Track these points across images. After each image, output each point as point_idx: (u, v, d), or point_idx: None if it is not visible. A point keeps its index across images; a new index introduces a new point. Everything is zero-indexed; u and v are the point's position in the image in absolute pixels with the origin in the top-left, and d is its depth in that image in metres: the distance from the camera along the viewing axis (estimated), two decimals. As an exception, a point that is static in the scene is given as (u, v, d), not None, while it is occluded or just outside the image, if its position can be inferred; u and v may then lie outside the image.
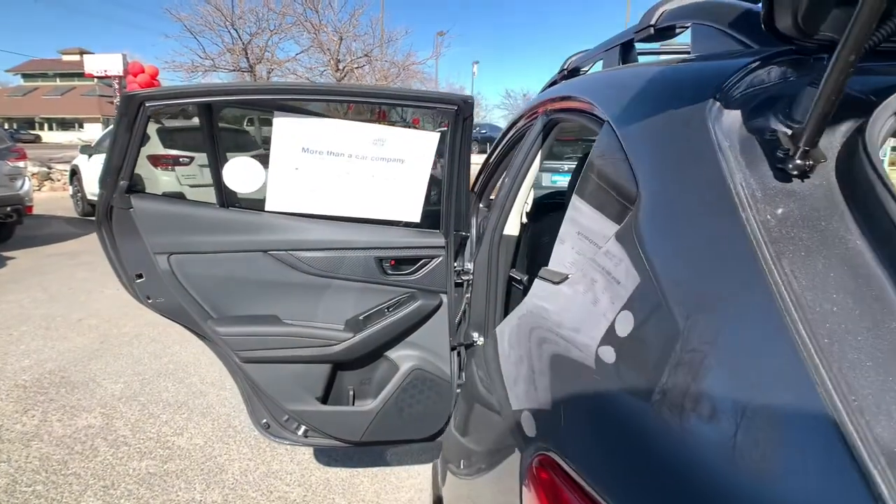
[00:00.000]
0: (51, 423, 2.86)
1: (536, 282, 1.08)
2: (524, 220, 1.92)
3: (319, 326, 1.74)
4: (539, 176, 1.99)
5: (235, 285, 1.67)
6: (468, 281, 2.00)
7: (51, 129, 44.58)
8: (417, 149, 1.65)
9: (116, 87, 16.38)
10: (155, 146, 6.98)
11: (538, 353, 0.93)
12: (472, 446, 1.34)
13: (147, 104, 1.40)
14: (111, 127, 9.08)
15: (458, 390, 2.01)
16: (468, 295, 2.01)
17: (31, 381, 3.31)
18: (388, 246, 1.72)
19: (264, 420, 1.87)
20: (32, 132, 41.08)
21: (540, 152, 1.75)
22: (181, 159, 6.99)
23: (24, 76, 50.56)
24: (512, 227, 1.89)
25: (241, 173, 1.60)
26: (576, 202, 1.02)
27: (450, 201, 1.72)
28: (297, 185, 1.63)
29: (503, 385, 1.07)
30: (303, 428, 1.88)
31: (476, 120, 1.69)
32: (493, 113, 44.91)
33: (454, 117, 1.55)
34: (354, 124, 1.58)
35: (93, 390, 3.24)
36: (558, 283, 0.94)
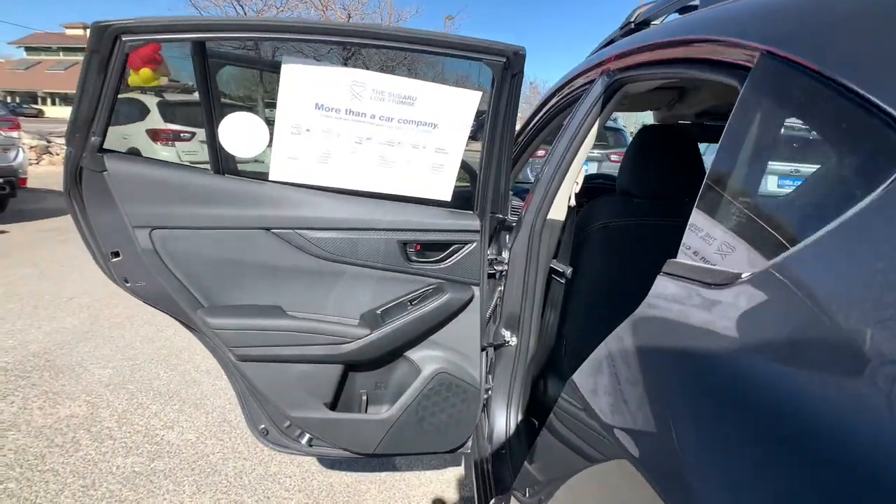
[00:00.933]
0: (31, 412, 2.62)
1: (665, 282, 0.81)
2: (572, 202, 1.66)
3: (330, 321, 1.48)
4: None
5: (231, 269, 1.41)
6: (502, 272, 1.74)
7: (54, 103, 44.16)
8: (454, 110, 1.38)
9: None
10: (154, 120, 6.70)
11: (695, 389, 0.65)
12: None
13: (125, 38, 1.13)
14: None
15: (486, 396, 1.76)
16: (501, 288, 1.75)
17: (13, 364, 3.07)
18: (414, 227, 1.46)
19: (262, 426, 1.62)
20: (35, 106, 40.70)
21: (597, 122, 1.48)
22: (182, 134, 6.72)
23: (27, 49, 49.99)
24: (557, 211, 1.63)
25: (240, 133, 1.33)
26: (742, 175, 0.75)
27: (488, 177, 1.46)
28: (307, 151, 1.36)
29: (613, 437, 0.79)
30: (307, 436, 1.63)
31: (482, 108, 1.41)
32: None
33: (501, 73, 1.28)
34: (380, 76, 1.31)
35: (79, 375, 2.99)
36: (722, 285, 0.67)
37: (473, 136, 1.48)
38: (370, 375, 1.60)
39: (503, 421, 1.79)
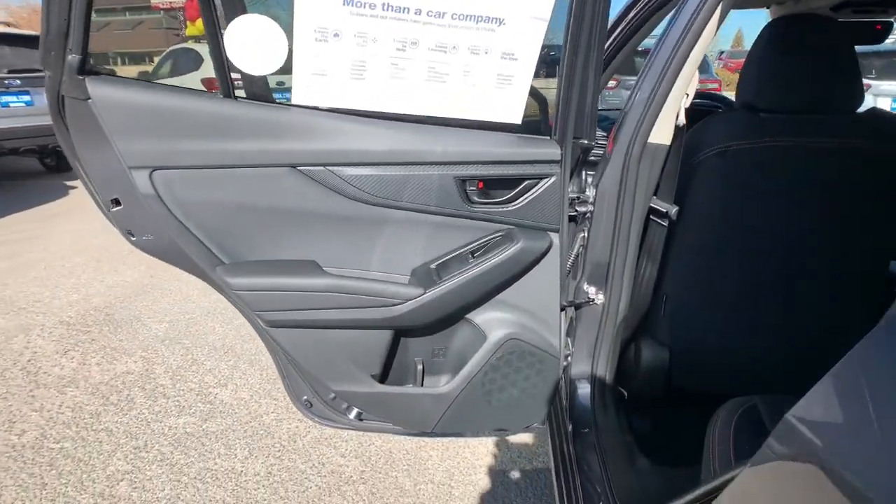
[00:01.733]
0: (89, 367, 2.58)
1: None
2: (681, 120, 1.29)
3: (375, 278, 1.22)
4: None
5: (253, 217, 1.16)
6: (586, 214, 1.41)
7: (123, 63, 45.70)
8: (525, 3, 1.04)
9: (182, 18, 16.10)
10: (209, 69, 6.57)
11: None
12: None
13: None
14: (170, 48, 8.70)
15: (565, 364, 1.47)
16: (584, 234, 1.43)
17: (76, 318, 3.06)
18: (475, 159, 1.15)
19: (305, 397, 1.41)
20: (107, 67, 42.32)
21: (720, 6, 1.10)
22: (237, 82, 6.56)
23: (96, 12, 51.58)
24: (661, 133, 1.27)
25: (252, 42, 1.05)
26: None
27: (570, 92, 1.12)
28: (336, 63, 1.06)
29: None
30: (355, 409, 1.41)
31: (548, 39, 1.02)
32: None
33: None
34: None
35: (136, 330, 2.94)
36: None
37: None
38: (425, 342, 1.34)
39: (586, 394, 1.50)
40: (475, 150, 1.15)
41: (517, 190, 1.21)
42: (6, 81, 5.77)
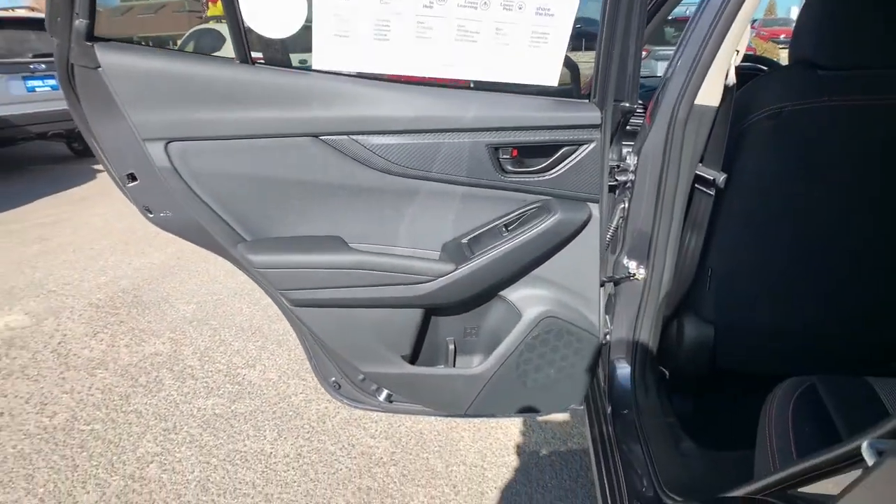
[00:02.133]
0: (118, 349, 2.58)
1: None
2: (731, 79, 1.19)
3: (404, 254, 1.15)
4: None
5: (273, 191, 1.09)
6: (626, 183, 1.32)
7: (148, 45, 46.09)
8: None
9: (203, 0, 15.98)
10: (231, 49, 6.50)
11: None
12: None
13: None
14: (192, 29, 8.64)
15: (603, 342, 1.39)
16: (625, 205, 1.34)
17: (104, 300, 3.07)
18: (509, 125, 1.07)
19: (333, 378, 1.36)
20: (131, 52, 42.63)
21: None
22: (258, 62, 6.49)
23: (120, -3, 52.00)
24: (709, 94, 1.16)
25: (269, 3, 0.97)
26: None
27: (610, 51, 1.03)
28: (358, 23, 0.98)
29: None
30: (385, 391, 1.35)
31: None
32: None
33: None
34: None
35: (164, 312, 2.94)
36: None
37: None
38: (457, 320, 1.27)
39: (626, 374, 1.43)
40: (509, 114, 1.07)
41: (554, 157, 1.12)
42: (31, 66, 5.80)
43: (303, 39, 1.04)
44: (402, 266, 1.12)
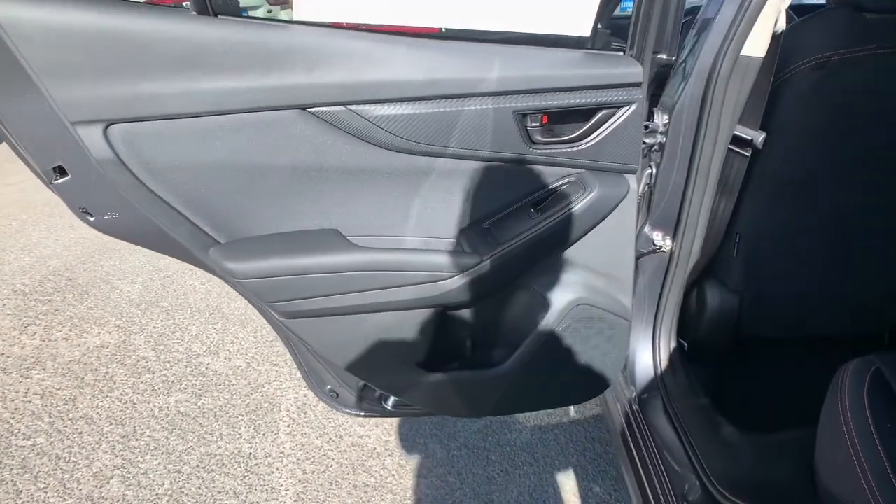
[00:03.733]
0: (55, 344, 2.27)
1: None
2: (780, 25, 1.01)
3: (414, 246, 0.93)
4: None
5: (252, 179, 0.84)
6: (654, 145, 1.14)
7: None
8: None
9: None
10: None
11: None
12: None
13: None
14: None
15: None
16: (651, 170, 1.16)
17: (32, 286, 2.70)
18: (538, 87, 0.85)
19: (329, 387, 1.16)
20: None
21: None
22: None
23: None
24: (757, 45, 0.99)
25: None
26: None
27: None
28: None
29: None
30: (393, 397, 1.16)
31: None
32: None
33: None
34: None
35: (106, 295, 2.61)
36: None
37: None
38: (476, 314, 1.08)
39: (649, 353, 1.29)
40: (539, 73, 0.85)
41: (591, 123, 0.91)
42: None
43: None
44: (419, 263, 0.90)
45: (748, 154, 1.14)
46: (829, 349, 1.38)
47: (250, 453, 1.73)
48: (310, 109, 0.80)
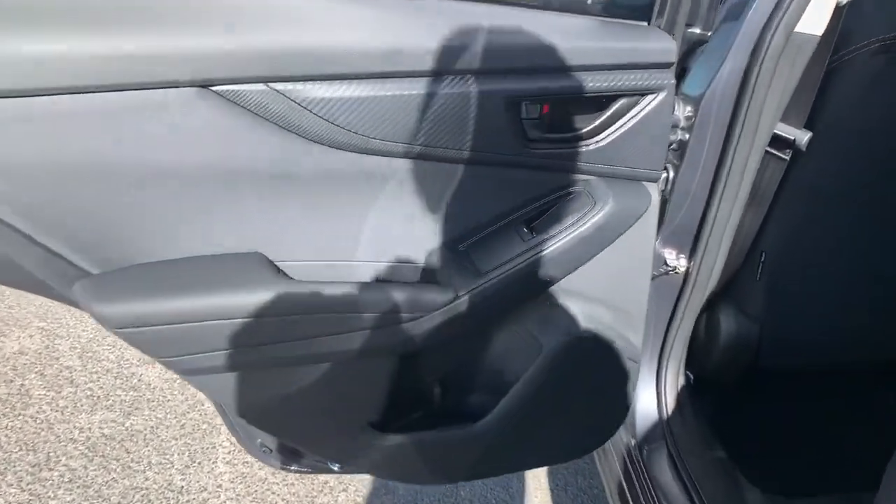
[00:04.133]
0: (-34, 348, 1.99)
1: None
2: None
3: (367, 278, 0.71)
4: None
5: (132, 185, 0.61)
6: (673, 143, 0.94)
7: None
8: None
9: None
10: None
11: None
12: None
13: None
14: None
15: None
16: (668, 174, 0.96)
17: (-53, 278, 2.39)
18: (539, 64, 0.63)
19: (260, 440, 0.94)
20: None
21: None
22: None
23: None
24: (815, 19, 0.79)
25: None
26: None
27: None
28: None
29: None
30: None
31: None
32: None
33: None
34: None
35: (25, 293, 2.32)
36: None
37: None
38: (447, 356, 0.87)
39: (653, 395, 1.10)
40: (541, 45, 0.63)
41: (607, 115, 0.70)
42: None
43: None
44: (372, 300, 0.68)
45: (787, 157, 0.96)
46: (849, 382, 1.23)
47: (182, 487, 1.50)
48: (214, 88, 0.57)
